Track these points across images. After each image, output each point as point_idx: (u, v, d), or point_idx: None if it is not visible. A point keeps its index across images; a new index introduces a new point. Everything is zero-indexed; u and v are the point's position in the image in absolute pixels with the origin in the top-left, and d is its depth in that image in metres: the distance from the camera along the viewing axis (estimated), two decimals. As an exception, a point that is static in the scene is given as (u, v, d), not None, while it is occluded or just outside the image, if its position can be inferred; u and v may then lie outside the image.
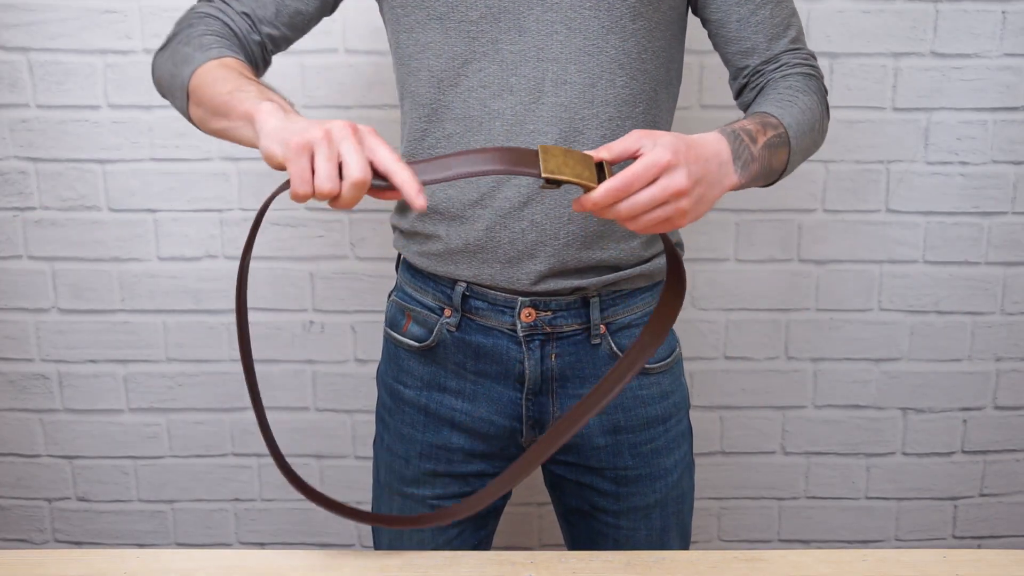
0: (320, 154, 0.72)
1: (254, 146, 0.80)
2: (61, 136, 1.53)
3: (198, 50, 0.91)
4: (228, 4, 0.98)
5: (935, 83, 1.52)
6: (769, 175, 0.90)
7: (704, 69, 1.52)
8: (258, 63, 1.00)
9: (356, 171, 0.71)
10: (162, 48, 0.97)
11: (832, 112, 1.08)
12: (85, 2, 1.47)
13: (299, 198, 0.73)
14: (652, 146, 0.76)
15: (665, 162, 0.75)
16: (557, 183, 0.74)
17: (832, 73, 1.52)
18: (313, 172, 0.72)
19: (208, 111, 0.87)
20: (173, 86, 0.93)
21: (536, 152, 0.74)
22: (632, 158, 0.77)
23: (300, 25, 1.02)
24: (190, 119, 0.93)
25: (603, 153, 0.77)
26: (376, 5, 1.04)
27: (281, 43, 1.02)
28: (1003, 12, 1.49)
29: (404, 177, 0.72)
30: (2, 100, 1.51)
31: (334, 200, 0.73)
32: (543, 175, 0.73)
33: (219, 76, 0.87)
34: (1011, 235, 1.59)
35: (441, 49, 0.95)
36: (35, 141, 1.53)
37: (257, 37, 0.99)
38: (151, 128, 1.53)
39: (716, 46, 1.02)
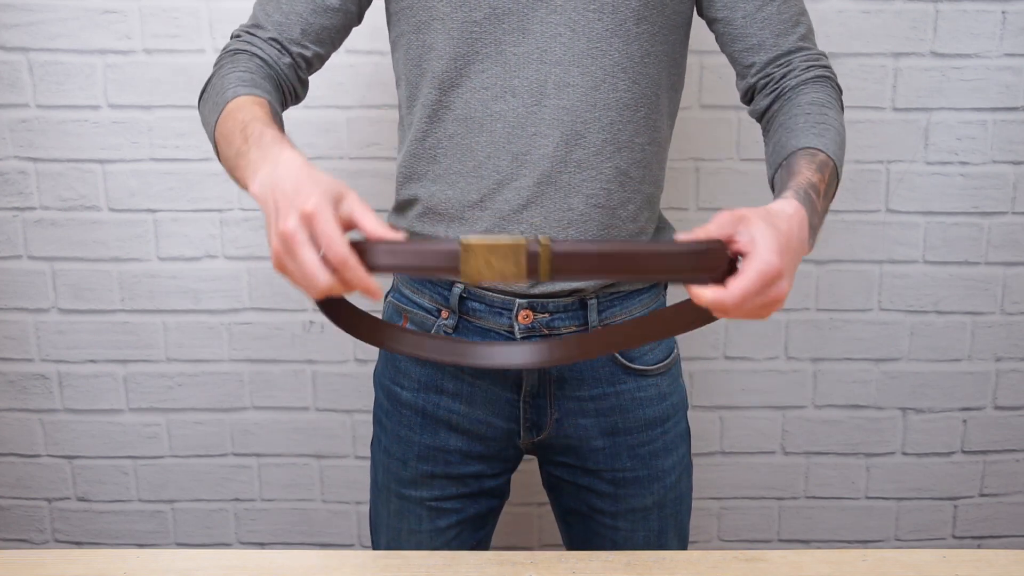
0: (295, 265, 0.70)
1: None
2: (61, 136, 1.53)
3: (218, 95, 0.91)
4: (255, 34, 0.97)
5: (935, 83, 1.52)
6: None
7: (704, 69, 1.52)
8: (293, 85, 0.99)
9: (334, 256, 0.69)
10: (202, 94, 0.96)
11: (833, 112, 1.08)
12: (85, 2, 1.47)
13: (321, 294, 0.72)
14: (750, 238, 0.74)
15: (776, 271, 0.74)
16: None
17: (832, 73, 1.52)
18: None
19: (229, 172, 0.88)
20: (209, 136, 0.93)
21: (458, 250, 0.68)
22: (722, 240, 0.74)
23: (329, 40, 1.01)
24: None
25: (699, 234, 0.74)
26: (379, 4, 1.04)
27: (315, 61, 1.01)
28: (1003, 12, 1.49)
29: (355, 275, 0.70)
30: (2, 100, 1.51)
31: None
32: (461, 279, 0.69)
33: (224, 134, 0.86)
34: (1011, 235, 1.59)
35: (444, 49, 0.95)
36: (35, 141, 1.53)
37: (288, 59, 0.97)
38: (151, 128, 1.53)
39: (723, 45, 1.01)
